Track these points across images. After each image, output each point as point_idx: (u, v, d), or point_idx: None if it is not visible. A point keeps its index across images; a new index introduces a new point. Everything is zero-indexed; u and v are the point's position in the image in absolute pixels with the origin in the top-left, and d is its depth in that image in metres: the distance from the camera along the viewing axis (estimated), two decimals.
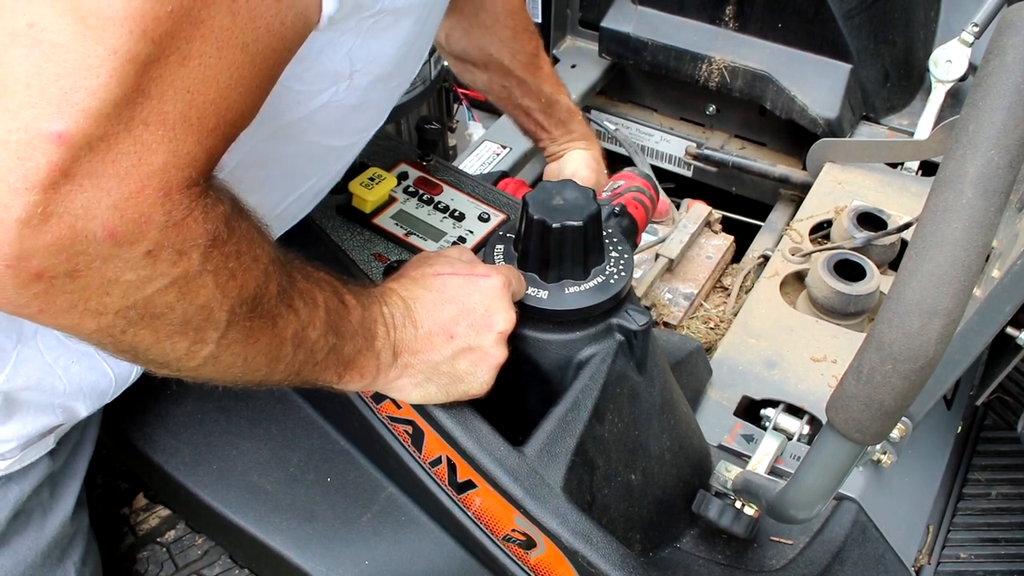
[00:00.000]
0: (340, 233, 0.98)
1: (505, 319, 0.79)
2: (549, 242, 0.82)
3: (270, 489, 1.03)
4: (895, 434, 0.95)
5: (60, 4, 0.48)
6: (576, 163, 1.25)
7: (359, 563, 0.98)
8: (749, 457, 1.05)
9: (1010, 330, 0.84)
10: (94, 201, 0.51)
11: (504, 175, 1.27)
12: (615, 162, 1.98)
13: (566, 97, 1.24)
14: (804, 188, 1.57)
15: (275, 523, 1.00)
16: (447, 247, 0.94)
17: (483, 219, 1.01)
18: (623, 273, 0.86)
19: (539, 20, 1.88)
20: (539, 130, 1.25)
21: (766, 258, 1.47)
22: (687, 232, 1.47)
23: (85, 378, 0.91)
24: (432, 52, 1.72)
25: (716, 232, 1.54)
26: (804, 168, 1.61)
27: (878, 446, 1.03)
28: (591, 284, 0.85)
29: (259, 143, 0.74)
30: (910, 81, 1.67)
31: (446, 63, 1.40)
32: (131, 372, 0.97)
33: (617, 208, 1.16)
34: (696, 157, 1.76)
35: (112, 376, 0.94)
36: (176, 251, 0.55)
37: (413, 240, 0.97)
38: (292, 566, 0.99)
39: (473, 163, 1.60)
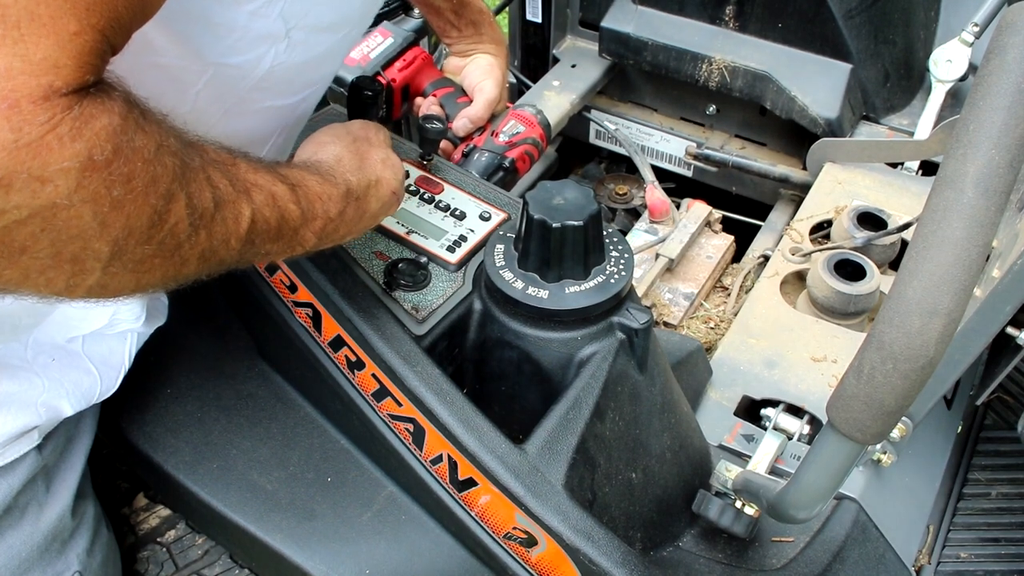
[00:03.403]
0: None
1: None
2: (550, 242, 0.82)
3: (270, 488, 1.03)
4: (895, 434, 0.95)
5: None
6: (482, 72, 1.24)
7: (359, 562, 0.98)
8: (749, 457, 1.05)
9: (1010, 330, 0.84)
10: None
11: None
12: (615, 162, 1.99)
13: None
14: (804, 188, 1.57)
15: (275, 522, 1.00)
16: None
17: (484, 218, 1.01)
18: (623, 273, 0.87)
19: (539, 20, 1.88)
20: (448, 27, 1.23)
21: (766, 258, 1.47)
22: (687, 232, 1.47)
23: (67, 375, 0.91)
24: (435, 46, 1.72)
25: (716, 232, 1.54)
26: (804, 168, 1.61)
27: (878, 446, 1.03)
28: (592, 284, 0.85)
29: (215, 124, 0.72)
30: (910, 81, 1.67)
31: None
32: (119, 369, 0.97)
33: (508, 162, 1.20)
34: (696, 157, 1.76)
35: (96, 373, 0.94)
36: (34, 178, 0.46)
37: (414, 238, 0.97)
38: (292, 565, 0.99)
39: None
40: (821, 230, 1.46)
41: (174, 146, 0.55)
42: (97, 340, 0.95)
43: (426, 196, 1.02)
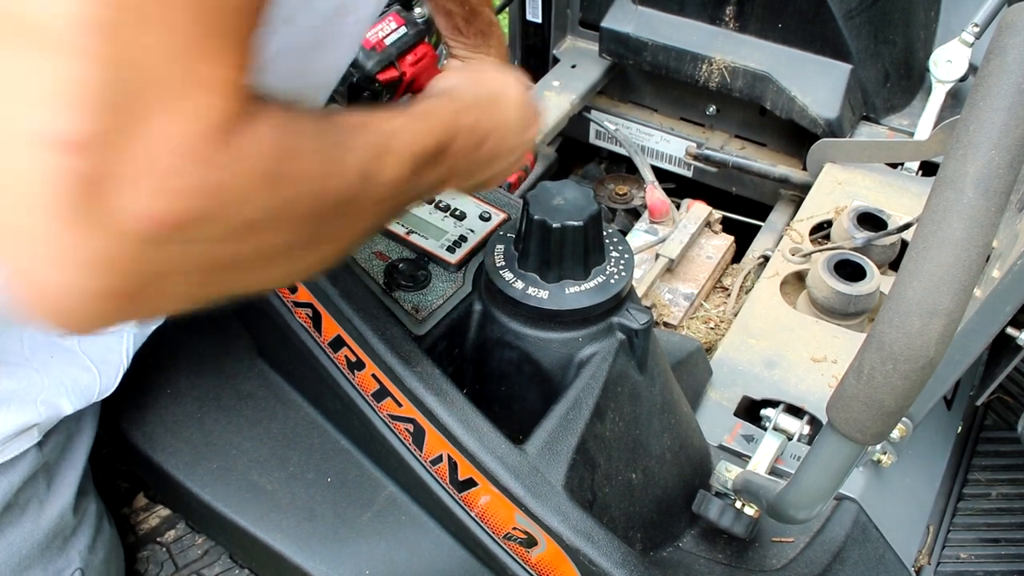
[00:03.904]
0: None
1: None
2: (550, 242, 0.82)
3: (270, 488, 1.03)
4: (895, 434, 0.95)
5: None
6: None
7: (359, 562, 0.98)
8: (749, 457, 1.05)
9: (1010, 330, 0.84)
10: (130, 199, 0.45)
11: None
12: (615, 162, 1.99)
13: (490, 10, 1.25)
14: (804, 188, 1.57)
15: (275, 522, 1.00)
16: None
17: (484, 218, 1.01)
18: (624, 273, 0.87)
19: (539, 20, 1.88)
20: (456, 32, 1.25)
21: (766, 258, 1.47)
22: (687, 232, 1.47)
23: (66, 372, 0.91)
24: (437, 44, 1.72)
25: (716, 232, 1.54)
26: (804, 168, 1.61)
27: (878, 446, 1.03)
28: (592, 284, 0.85)
29: None
30: (910, 81, 1.67)
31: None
32: (117, 367, 0.97)
33: (506, 185, 1.30)
34: (696, 157, 1.76)
35: (95, 371, 0.94)
36: (221, 206, 0.50)
37: (414, 239, 0.97)
38: (292, 565, 0.99)
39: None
40: (821, 230, 1.47)
41: (317, 129, 0.58)
42: (93, 337, 0.95)
43: None
